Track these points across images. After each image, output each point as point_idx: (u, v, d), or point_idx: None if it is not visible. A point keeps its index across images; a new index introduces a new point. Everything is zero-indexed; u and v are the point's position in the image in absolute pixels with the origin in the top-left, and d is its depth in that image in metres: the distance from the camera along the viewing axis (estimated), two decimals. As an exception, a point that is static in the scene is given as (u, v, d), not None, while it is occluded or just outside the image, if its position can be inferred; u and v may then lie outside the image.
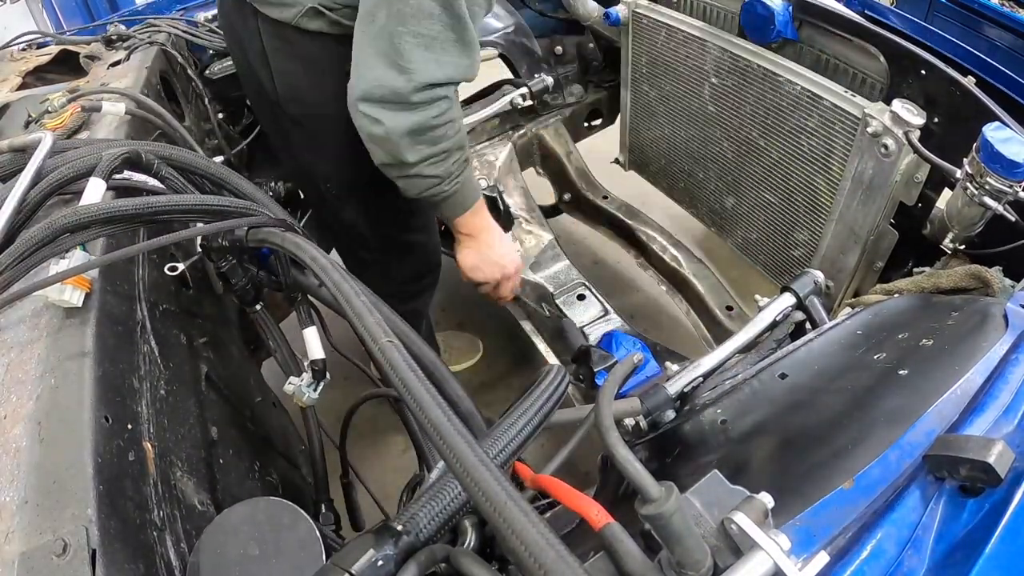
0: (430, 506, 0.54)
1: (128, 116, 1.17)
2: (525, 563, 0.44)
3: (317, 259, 0.75)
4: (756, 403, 0.91)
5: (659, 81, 1.95)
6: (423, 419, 0.53)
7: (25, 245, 0.70)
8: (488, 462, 0.48)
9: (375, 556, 0.49)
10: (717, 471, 0.55)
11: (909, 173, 1.31)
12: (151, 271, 0.95)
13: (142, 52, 1.55)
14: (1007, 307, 0.83)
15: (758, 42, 1.62)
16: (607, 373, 1.04)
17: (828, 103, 1.42)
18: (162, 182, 0.88)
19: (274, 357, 1.05)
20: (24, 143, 0.86)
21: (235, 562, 0.59)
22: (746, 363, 1.05)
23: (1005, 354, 0.70)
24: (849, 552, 0.52)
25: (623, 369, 0.74)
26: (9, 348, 0.73)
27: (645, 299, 2.54)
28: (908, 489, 0.56)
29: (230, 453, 0.95)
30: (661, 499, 0.47)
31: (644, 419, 0.94)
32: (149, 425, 0.75)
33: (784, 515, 0.56)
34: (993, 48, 1.73)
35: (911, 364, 0.78)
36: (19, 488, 0.60)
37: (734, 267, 2.40)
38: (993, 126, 1.07)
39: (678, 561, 0.47)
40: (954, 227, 1.20)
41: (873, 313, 1.05)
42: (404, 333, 0.73)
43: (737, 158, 1.77)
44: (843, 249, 1.52)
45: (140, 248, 0.88)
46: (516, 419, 0.62)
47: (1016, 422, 0.61)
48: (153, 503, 0.68)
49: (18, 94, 1.46)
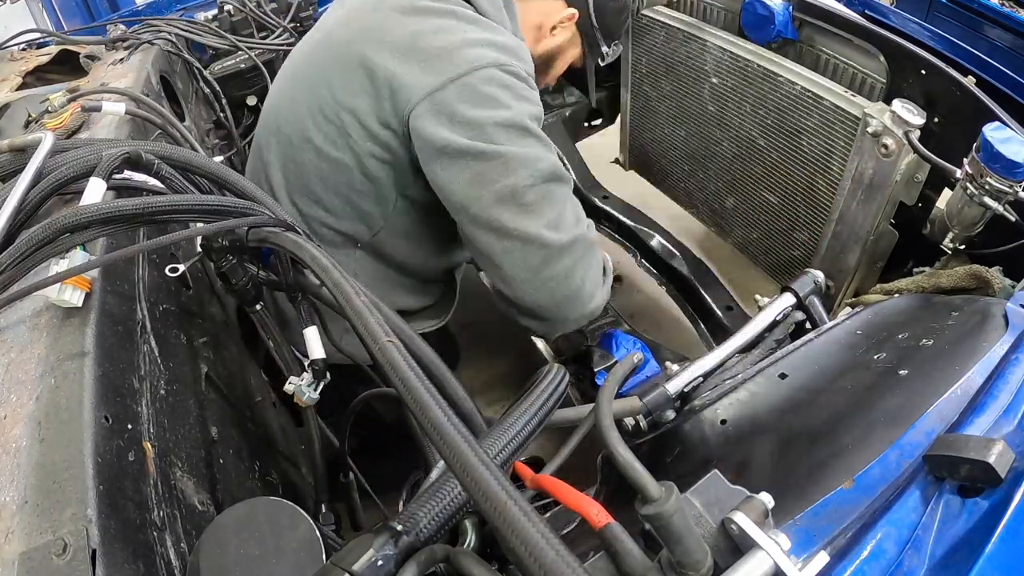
0: (430, 506, 0.54)
1: (128, 116, 1.17)
2: (525, 563, 0.44)
3: (317, 259, 0.75)
4: (756, 403, 0.91)
5: (659, 81, 1.95)
6: (423, 419, 0.53)
7: (25, 245, 0.70)
8: (488, 462, 0.48)
9: (375, 556, 0.49)
10: (717, 471, 0.55)
11: (909, 173, 1.31)
12: (151, 271, 0.95)
13: (142, 52, 1.55)
14: (1007, 307, 0.83)
15: (758, 42, 1.62)
16: (607, 373, 1.04)
17: (828, 103, 1.42)
18: (162, 182, 0.88)
19: (274, 357, 1.05)
20: (24, 143, 0.86)
21: (235, 562, 0.59)
22: (746, 363, 1.05)
23: (1005, 354, 0.71)
24: (849, 552, 0.52)
25: (623, 369, 0.74)
26: (9, 348, 0.73)
27: (645, 299, 2.54)
28: (908, 489, 0.56)
29: (230, 453, 0.96)
30: (661, 499, 0.47)
31: (644, 419, 0.94)
32: (149, 425, 0.75)
33: (784, 515, 0.56)
34: (993, 48, 1.73)
35: (911, 364, 0.78)
36: (19, 488, 0.60)
37: (734, 267, 2.40)
38: (993, 126, 1.07)
39: (678, 561, 0.47)
40: (954, 227, 1.20)
41: (873, 313, 1.05)
42: (404, 333, 0.73)
43: (737, 158, 1.77)
44: (843, 249, 1.52)
45: (140, 248, 0.88)
46: (516, 419, 0.62)
47: (1016, 422, 0.61)
48: (153, 503, 0.68)
49: (18, 94, 1.46)
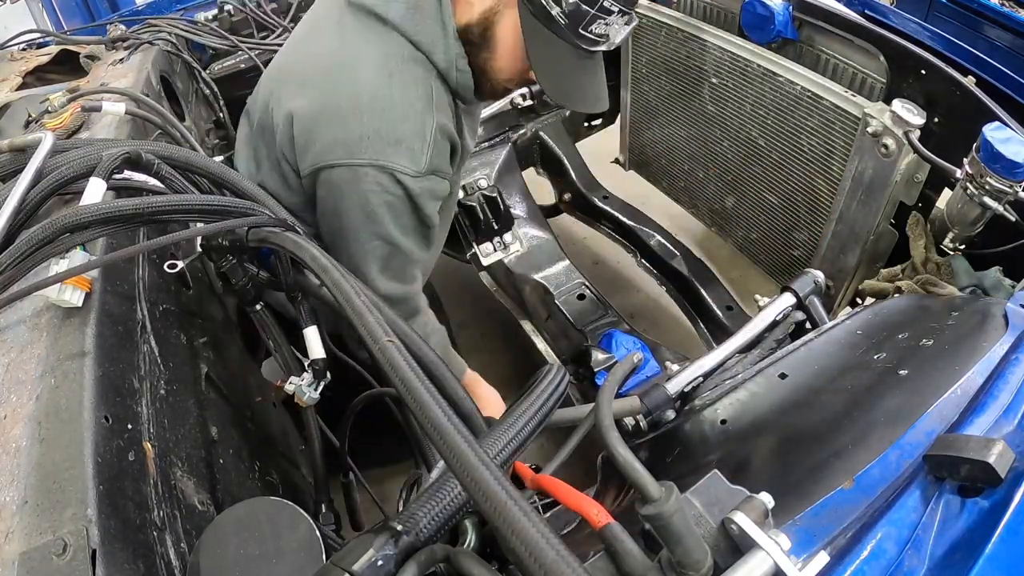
0: (430, 506, 0.54)
1: (128, 116, 1.17)
2: (525, 563, 0.44)
3: (317, 258, 0.75)
4: (756, 403, 0.91)
5: (659, 81, 1.95)
6: (423, 419, 0.53)
7: (25, 245, 0.70)
8: (488, 462, 0.48)
9: (375, 556, 0.49)
10: (717, 471, 0.55)
11: (909, 173, 1.31)
12: (151, 271, 0.95)
13: (142, 52, 1.55)
14: (1007, 307, 0.83)
15: (758, 42, 1.62)
16: (607, 373, 1.04)
17: (828, 103, 1.42)
18: (162, 182, 0.88)
19: (274, 357, 1.05)
20: (24, 143, 0.86)
21: (235, 562, 0.59)
22: (746, 363, 1.05)
23: (1005, 354, 0.71)
24: (849, 552, 0.52)
25: (623, 369, 0.74)
26: (9, 348, 0.73)
27: (645, 299, 2.54)
28: (908, 489, 0.56)
29: (230, 453, 0.95)
30: (661, 499, 0.47)
31: (644, 419, 0.94)
32: (149, 425, 0.75)
33: (784, 515, 0.56)
34: (993, 48, 1.72)
35: (911, 364, 0.78)
36: (19, 488, 0.60)
37: (734, 267, 2.41)
38: (993, 126, 1.07)
39: (678, 561, 0.47)
40: (954, 227, 1.20)
41: (873, 313, 1.05)
42: (404, 333, 0.73)
43: (737, 158, 1.77)
44: (843, 249, 1.52)
45: (140, 248, 0.88)
46: (516, 419, 0.62)
47: (1016, 422, 0.61)
48: (153, 503, 0.68)
49: (18, 94, 1.46)
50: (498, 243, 2.02)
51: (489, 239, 2.01)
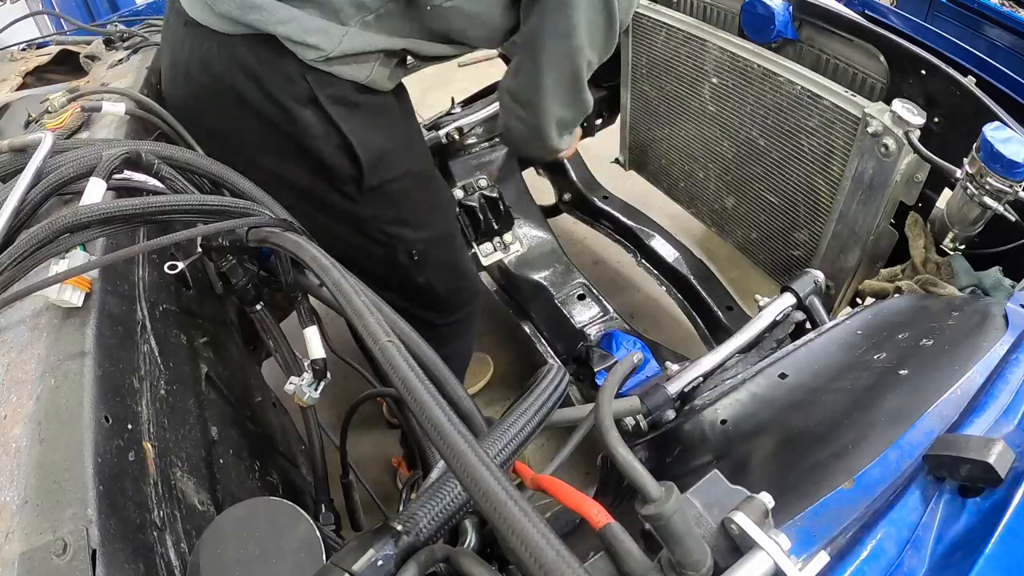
0: (430, 506, 0.54)
1: (128, 116, 1.17)
2: (525, 563, 0.44)
3: (317, 259, 0.75)
4: (756, 403, 0.91)
5: (659, 81, 1.95)
6: (423, 419, 0.53)
7: (25, 245, 0.70)
8: (488, 462, 0.48)
9: (375, 556, 0.49)
10: (717, 471, 0.55)
11: (909, 173, 1.31)
12: (151, 271, 0.95)
13: (142, 52, 1.55)
14: (1007, 307, 0.83)
15: (758, 42, 1.62)
16: (607, 373, 1.04)
17: (828, 103, 1.42)
18: (162, 182, 0.88)
19: (274, 357, 1.05)
20: (24, 143, 0.86)
21: (235, 562, 0.59)
22: (746, 363, 1.05)
23: (1005, 354, 0.70)
24: (849, 552, 0.52)
25: (623, 369, 0.74)
26: (9, 348, 0.73)
27: (645, 299, 2.54)
28: (908, 489, 0.56)
29: (230, 453, 0.95)
30: (661, 499, 0.47)
31: (644, 419, 0.94)
32: (149, 425, 0.75)
33: (784, 515, 0.56)
34: (993, 48, 1.73)
35: (911, 364, 0.78)
36: (19, 488, 0.59)
37: (734, 267, 2.41)
38: (993, 126, 1.07)
39: (678, 561, 0.47)
40: (954, 227, 1.20)
41: (873, 313, 1.05)
42: (404, 333, 0.73)
43: (737, 158, 1.77)
44: (843, 249, 1.52)
45: (140, 248, 0.88)
46: (516, 419, 0.62)
47: (1016, 422, 0.61)
48: (153, 503, 0.68)
49: (18, 94, 1.46)
50: (498, 243, 2.02)
51: (489, 239, 2.01)
